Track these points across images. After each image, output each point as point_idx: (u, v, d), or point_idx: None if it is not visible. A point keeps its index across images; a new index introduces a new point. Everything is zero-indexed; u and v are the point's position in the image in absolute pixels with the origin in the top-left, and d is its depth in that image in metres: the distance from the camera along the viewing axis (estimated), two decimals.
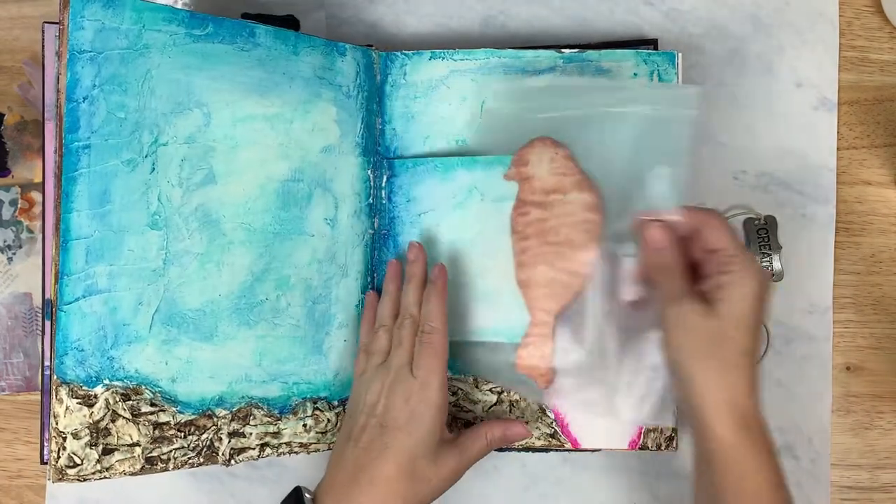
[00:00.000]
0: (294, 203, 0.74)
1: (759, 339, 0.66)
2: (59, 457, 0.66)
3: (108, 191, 0.68)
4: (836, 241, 0.82)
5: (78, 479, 0.67)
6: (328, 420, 0.77)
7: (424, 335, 0.72)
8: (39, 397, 0.84)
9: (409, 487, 0.69)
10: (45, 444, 0.75)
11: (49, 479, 0.67)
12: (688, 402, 0.66)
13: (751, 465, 0.64)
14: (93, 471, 0.67)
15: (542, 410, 0.78)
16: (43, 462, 0.76)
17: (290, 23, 0.83)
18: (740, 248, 0.66)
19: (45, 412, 0.75)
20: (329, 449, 0.77)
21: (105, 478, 0.68)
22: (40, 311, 0.84)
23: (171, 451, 0.70)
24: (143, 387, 0.69)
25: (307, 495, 0.69)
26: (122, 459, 0.69)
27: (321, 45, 0.76)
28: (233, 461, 0.73)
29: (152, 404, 0.69)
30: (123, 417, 0.68)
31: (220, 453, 0.72)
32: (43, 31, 0.74)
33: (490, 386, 0.78)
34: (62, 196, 0.66)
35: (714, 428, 0.64)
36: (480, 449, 0.72)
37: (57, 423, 0.66)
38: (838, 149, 0.83)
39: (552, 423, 0.78)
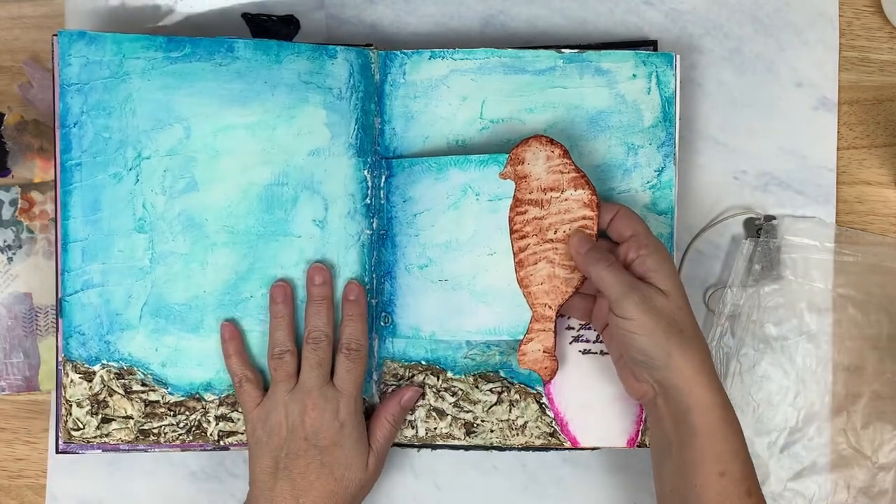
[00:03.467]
0: (278, 206, 0.77)
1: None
2: (66, 421, 0.77)
3: (98, 200, 0.77)
4: (835, 241, 0.82)
5: (83, 441, 0.77)
6: None
7: (352, 353, 0.75)
8: (39, 397, 0.84)
9: (345, 499, 0.73)
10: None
11: (61, 440, 0.77)
12: (664, 381, 0.69)
13: (731, 425, 0.69)
14: (94, 435, 0.77)
15: (542, 410, 0.78)
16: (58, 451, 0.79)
17: (290, 23, 0.83)
18: (649, 230, 0.72)
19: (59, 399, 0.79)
20: None
21: (105, 443, 0.77)
22: (40, 310, 0.84)
23: (161, 426, 0.78)
24: (136, 368, 0.78)
25: None
26: (119, 429, 0.77)
27: (307, 50, 0.77)
28: (222, 442, 0.77)
29: (143, 384, 0.78)
30: (118, 393, 0.77)
31: (209, 434, 0.77)
32: (52, 44, 0.76)
33: (490, 386, 0.78)
34: (61, 206, 0.77)
35: (699, 395, 0.68)
36: (388, 434, 0.76)
37: (65, 393, 0.77)
38: (838, 149, 0.83)
39: (552, 422, 0.78)
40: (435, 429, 0.79)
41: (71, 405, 0.77)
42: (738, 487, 0.67)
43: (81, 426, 0.77)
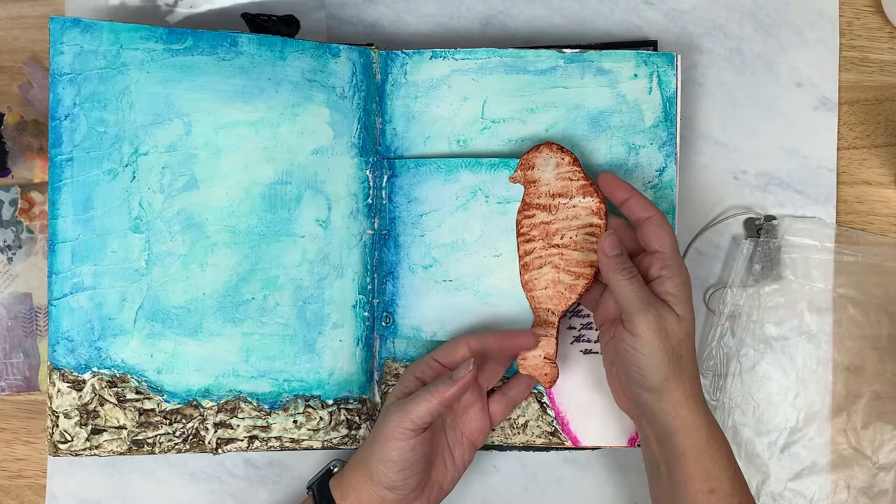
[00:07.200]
0: (282, 205, 0.76)
1: None
2: (52, 433, 0.74)
3: (90, 198, 0.74)
4: (836, 241, 0.82)
5: (70, 454, 0.75)
6: (321, 418, 0.77)
7: None
8: (39, 397, 0.84)
9: None
10: None
11: (48, 453, 0.75)
12: (650, 404, 0.69)
13: (718, 443, 0.69)
14: (83, 447, 0.75)
15: (543, 409, 0.78)
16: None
17: (290, 23, 0.83)
18: (677, 250, 0.71)
19: None
20: (323, 447, 0.77)
21: (96, 455, 0.75)
22: (40, 310, 0.83)
23: (156, 436, 0.75)
24: (130, 375, 0.75)
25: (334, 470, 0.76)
26: (110, 440, 0.75)
27: (311, 48, 0.76)
28: (220, 451, 0.76)
29: (137, 392, 0.75)
30: (110, 402, 0.75)
31: (207, 442, 0.76)
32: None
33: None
34: (49, 204, 0.74)
35: (685, 417, 0.68)
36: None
37: (51, 404, 0.74)
38: (838, 149, 0.83)
39: (553, 421, 0.78)
40: None
41: (58, 416, 0.74)
42: (729, 503, 0.68)
43: (69, 438, 0.74)
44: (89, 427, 0.74)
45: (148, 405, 0.75)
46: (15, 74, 0.85)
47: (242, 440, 0.76)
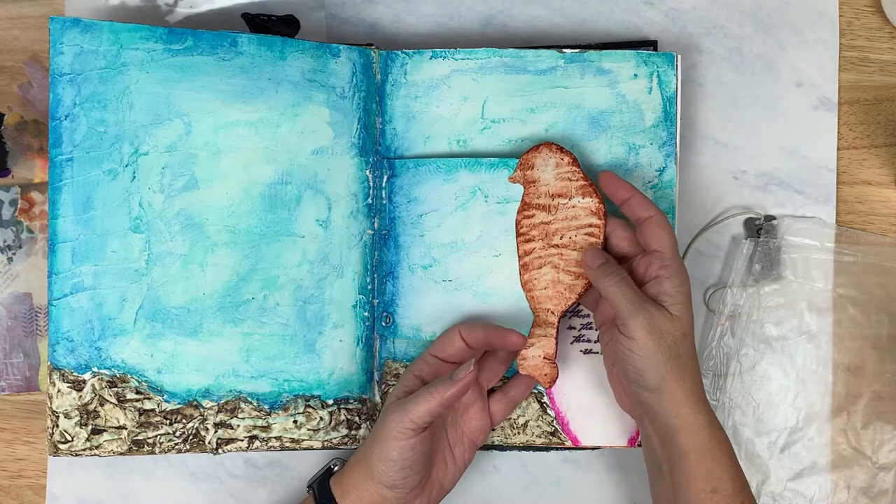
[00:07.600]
0: (282, 205, 0.76)
1: None
2: (52, 433, 0.74)
3: (90, 198, 0.74)
4: (836, 241, 0.82)
5: (70, 454, 0.75)
6: (321, 418, 0.77)
7: None
8: (39, 397, 0.84)
9: None
10: None
11: (48, 453, 0.76)
12: (652, 403, 0.69)
13: (720, 443, 0.69)
14: (83, 448, 0.75)
15: (544, 409, 0.78)
16: None
17: (290, 23, 0.83)
18: (676, 250, 0.71)
19: None
20: (323, 447, 0.77)
21: (96, 455, 0.75)
22: (40, 310, 0.83)
23: (156, 436, 0.75)
24: (130, 375, 0.75)
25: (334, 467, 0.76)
26: (111, 440, 0.75)
27: (311, 48, 0.76)
28: (220, 451, 0.76)
29: (137, 392, 0.75)
30: (110, 402, 0.75)
31: (207, 442, 0.76)
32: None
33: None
34: (49, 204, 0.74)
35: (686, 416, 0.68)
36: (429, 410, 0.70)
37: (51, 404, 0.74)
38: (838, 149, 0.83)
39: (553, 421, 0.78)
40: None
41: (58, 416, 0.74)
42: (731, 502, 0.68)
43: (69, 438, 0.74)
44: (89, 427, 0.74)
45: (148, 405, 0.75)
46: (15, 74, 0.85)
47: (242, 440, 0.76)
